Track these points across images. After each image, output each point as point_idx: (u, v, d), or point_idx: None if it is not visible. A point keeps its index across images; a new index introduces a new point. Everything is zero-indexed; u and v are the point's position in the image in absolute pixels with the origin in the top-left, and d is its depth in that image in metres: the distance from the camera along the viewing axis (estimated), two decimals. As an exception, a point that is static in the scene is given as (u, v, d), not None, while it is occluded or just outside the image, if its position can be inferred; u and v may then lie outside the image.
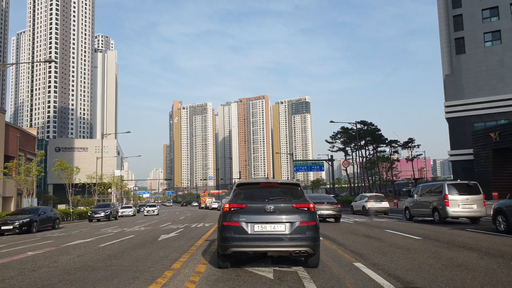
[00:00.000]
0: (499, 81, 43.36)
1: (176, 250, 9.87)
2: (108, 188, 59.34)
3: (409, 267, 6.88)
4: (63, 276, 6.71)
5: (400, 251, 8.87)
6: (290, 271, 6.52)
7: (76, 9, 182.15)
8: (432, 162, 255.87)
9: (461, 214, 16.87)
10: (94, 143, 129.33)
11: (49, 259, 9.05)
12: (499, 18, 43.78)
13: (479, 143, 38.30)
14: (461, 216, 17.18)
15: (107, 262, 8.18)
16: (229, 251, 6.36)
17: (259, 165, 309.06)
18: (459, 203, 16.70)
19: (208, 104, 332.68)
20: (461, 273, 6.26)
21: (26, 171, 33.91)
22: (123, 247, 10.94)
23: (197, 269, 6.95)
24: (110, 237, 14.70)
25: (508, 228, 11.82)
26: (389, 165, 68.10)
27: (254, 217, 6.36)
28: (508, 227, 11.78)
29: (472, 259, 7.61)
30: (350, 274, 6.35)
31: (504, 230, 12.00)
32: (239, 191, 6.87)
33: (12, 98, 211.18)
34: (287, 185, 7.11)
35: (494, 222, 12.65)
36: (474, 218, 17.10)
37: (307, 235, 6.33)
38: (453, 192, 16.99)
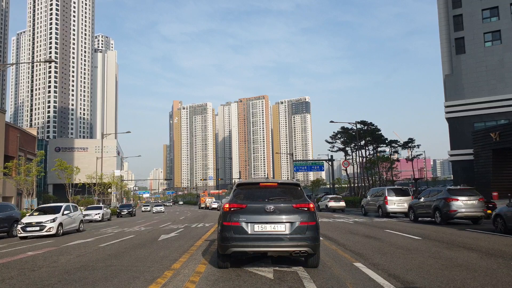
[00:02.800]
0: (499, 81, 43.37)
1: (176, 250, 9.87)
2: (108, 188, 59.34)
3: (409, 267, 6.88)
4: (63, 276, 6.71)
5: (400, 251, 8.87)
6: (290, 271, 6.52)
7: (76, 9, 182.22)
8: (432, 162, 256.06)
9: (396, 210, 22.95)
10: (94, 143, 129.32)
11: (49, 259, 9.05)
12: (499, 18, 43.80)
13: (479, 143, 38.32)
14: (396, 212, 23.03)
15: (107, 262, 8.18)
16: (229, 251, 6.36)
17: (259, 165, 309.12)
18: (395, 202, 22.91)
19: (208, 104, 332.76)
20: (461, 273, 6.26)
21: (26, 171, 33.90)
22: (123, 247, 10.94)
23: (197, 269, 6.95)
24: (110, 237, 14.70)
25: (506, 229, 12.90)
26: (389, 165, 68.08)
27: (254, 217, 6.36)
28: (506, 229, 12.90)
29: (472, 259, 7.61)
30: (350, 274, 6.35)
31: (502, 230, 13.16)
32: (239, 191, 6.87)
33: (12, 98, 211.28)
34: (287, 185, 7.10)
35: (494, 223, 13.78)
36: (404, 213, 22.33)
37: (307, 235, 6.32)
38: (391, 194, 23.19)
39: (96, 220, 32.53)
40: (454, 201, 16.96)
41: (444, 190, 18.45)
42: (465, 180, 42.09)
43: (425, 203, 19.04)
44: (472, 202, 17.17)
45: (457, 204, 16.88)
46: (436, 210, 17.84)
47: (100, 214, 33.33)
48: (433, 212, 18.07)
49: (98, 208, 35.35)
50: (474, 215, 17.06)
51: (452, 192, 17.71)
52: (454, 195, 17.30)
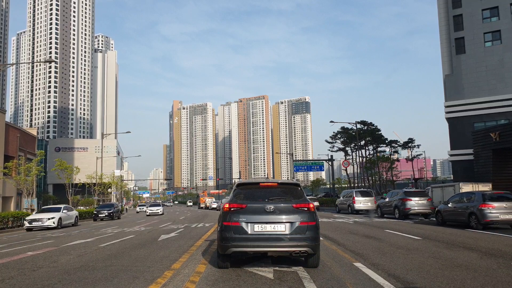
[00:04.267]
0: (499, 81, 43.38)
1: (176, 250, 9.87)
2: (108, 188, 59.34)
3: (409, 267, 6.87)
4: (62, 276, 6.71)
5: (400, 251, 8.87)
6: (290, 271, 6.52)
7: (76, 9, 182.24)
8: (432, 162, 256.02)
9: (362, 208, 28.48)
10: (94, 143, 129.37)
11: (49, 259, 9.04)
12: (499, 18, 43.81)
13: (479, 143, 38.31)
14: (361, 209, 28.44)
15: (107, 262, 8.18)
16: (229, 251, 6.36)
17: (259, 165, 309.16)
18: (361, 202, 28.61)
19: (208, 104, 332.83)
20: (461, 273, 6.26)
21: (26, 171, 33.90)
22: (123, 247, 10.94)
23: (197, 269, 6.94)
24: (110, 237, 14.70)
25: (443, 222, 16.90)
26: (389, 165, 68.10)
27: (254, 217, 6.36)
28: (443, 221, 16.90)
29: (472, 259, 7.61)
30: (350, 274, 6.35)
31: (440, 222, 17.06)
32: (239, 191, 6.87)
33: (12, 98, 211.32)
34: (287, 185, 7.10)
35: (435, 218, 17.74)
36: (368, 210, 28.04)
37: (307, 235, 6.32)
38: (358, 196, 29.09)
39: (48, 227, 22.66)
40: (408, 201, 21.22)
41: (401, 192, 22.85)
42: (465, 180, 42.10)
43: (389, 202, 23.13)
44: (422, 202, 21.28)
45: (410, 203, 21.15)
46: (395, 208, 22.10)
47: (55, 220, 23.11)
48: (393, 209, 22.34)
49: (54, 211, 24.64)
50: (424, 212, 21.25)
51: (407, 193, 22.17)
52: (409, 196, 21.54)
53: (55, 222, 23.16)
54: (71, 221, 25.81)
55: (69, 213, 25.95)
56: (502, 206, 14.33)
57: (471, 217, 14.82)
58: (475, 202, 14.95)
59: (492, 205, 14.37)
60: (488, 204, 14.44)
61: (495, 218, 14.20)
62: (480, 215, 14.33)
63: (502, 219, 14.20)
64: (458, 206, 15.94)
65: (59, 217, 23.69)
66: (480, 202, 14.69)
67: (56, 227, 23.03)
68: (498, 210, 14.25)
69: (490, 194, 15.56)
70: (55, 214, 23.77)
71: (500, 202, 14.56)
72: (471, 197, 15.77)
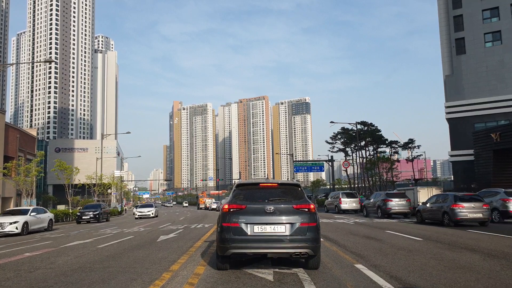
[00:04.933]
0: (500, 82, 43.30)
1: (175, 251, 9.77)
2: (108, 188, 59.24)
3: (411, 268, 6.78)
4: (59, 278, 6.62)
5: (402, 252, 8.77)
6: (290, 273, 6.43)
7: (76, 9, 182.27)
8: (432, 162, 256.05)
9: (347, 208, 31.07)
10: (94, 143, 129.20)
11: (46, 260, 8.95)
12: (499, 19, 43.73)
13: (480, 144, 38.22)
14: (347, 209, 31.04)
15: (105, 263, 8.08)
16: (228, 252, 6.26)
17: (259, 165, 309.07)
18: (347, 202, 31.30)
19: (208, 105, 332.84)
20: (464, 275, 6.16)
21: (25, 171, 33.81)
22: (122, 248, 10.84)
23: (196, 271, 6.85)
24: (108, 238, 14.60)
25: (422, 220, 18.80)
26: (389, 166, 68.00)
27: (254, 218, 6.26)
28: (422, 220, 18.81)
29: (475, 260, 7.51)
30: (351, 276, 6.25)
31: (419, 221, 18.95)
32: (238, 192, 6.77)
33: (12, 98, 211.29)
34: (287, 185, 7.01)
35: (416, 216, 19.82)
36: (354, 210, 31.18)
37: (308, 236, 6.23)
38: (344, 197, 31.79)
39: (9, 233, 18.98)
40: (389, 202, 23.73)
41: (383, 194, 25.84)
42: (466, 180, 42.01)
43: (373, 203, 25.80)
44: (402, 202, 23.76)
45: (391, 204, 23.63)
46: (378, 208, 24.51)
47: (19, 224, 19.32)
48: (376, 209, 24.73)
49: (19, 213, 21.01)
50: (403, 211, 23.67)
51: (388, 195, 24.92)
52: (390, 197, 24.15)
53: (19, 227, 18.96)
54: (42, 226, 21.94)
55: (40, 216, 21.95)
56: (470, 206, 16.24)
57: (444, 216, 16.68)
58: (448, 203, 16.76)
59: (462, 205, 16.27)
60: (459, 204, 16.32)
61: (464, 217, 16.10)
62: (452, 214, 16.24)
63: (470, 217, 16.14)
64: (434, 206, 17.87)
65: (25, 221, 19.64)
66: (452, 203, 16.54)
67: (20, 233, 18.99)
68: (467, 210, 16.17)
69: (461, 196, 17.29)
70: (20, 217, 19.71)
71: (469, 202, 16.42)
72: (446, 198, 17.52)
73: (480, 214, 16.19)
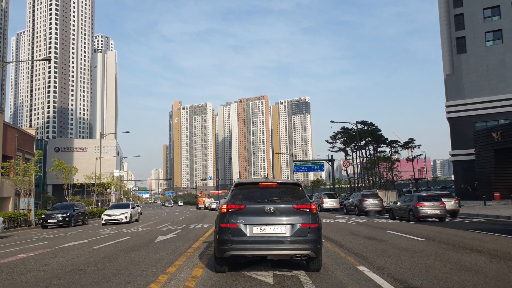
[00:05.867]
0: (500, 81, 43.07)
1: (172, 252, 9.54)
2: (107, 188, 58.98)
3: (415, 271, 6.55)
4: (51, 281, 6.39)
5: (405, 253, 8.55)
6: (291, 276, 6.20)
7: (76, 9, 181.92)
8: (432, 162, 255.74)
9: (329, 207, 35.34)
10: (94, 143, 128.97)
11: (40, 262, 8.71)
12: (500, 18, 43.53)
13: (481, 143, 38.01)
14: (328, 208, 35.15)
15: (100, 265, 7.85)
16: (227, 254, 6.04)
17: (259, 165, 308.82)
18: (328, 202, 35.83)
19: (208, 104, 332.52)
20: (471, 278, 5.93)
21: (23, 171, 33.55)
22: (118, 249, 10.61)
23: (193, 273, 6.62)
24: (106, 239, 14.38)
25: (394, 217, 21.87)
26: (390, 166, 67.77)
27: (253, 218, 6.04)
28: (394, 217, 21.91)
29: (481, 262, 7.28)
30: (354, 278, 6.03)
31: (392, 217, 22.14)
32: (237, 191, 6.54)
33: (12, 98, 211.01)
34: (288, 185, 6.78)
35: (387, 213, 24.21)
36: (334, 209, 35.38)
37: (309, 237, 6.00)
38: (326, 197, 36.53)
39: None
40: (365, 201, 27.23)
41: (360, 194, 29.47)
42: (466, 180, 41.79)
43: (351, 202, 29.53)
44: (375, 202, 27.38)
45: (366, 203, 27.08)
46: (355, 207, 28.17)
47: None
48: (354, 208, 28.41)
49: None
50: (376, 209, 26.88)
51: (363, 195, 28.41)
52: (365, 198, 27.69)
53: None
54: None
55: None
56: (431, 205, 19.13)
57: (410, 213, 19.67)
58: (413, 202, 19.74)
59: (424, 204, 19.14)
60: (421, 203, 19.20)
61: (425, 213, 19.00)
62: (415, 211, 19.22)
63: (430, 214, 19.04)
64: (403, 205, 20.95)
65: None
66: (416, 202, 19.51)
67: None
68: (428, 208, 19.03)
69: (424, 196, 20.23)
70: None
71: (430, 202, 19.32)
72: (412, 198, 20.54)
73: (438, 211, 18.98)
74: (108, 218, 26.26)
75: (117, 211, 26.77)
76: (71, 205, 28.08)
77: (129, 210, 27.31)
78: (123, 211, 26.84)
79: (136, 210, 29.67)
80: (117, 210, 27.14)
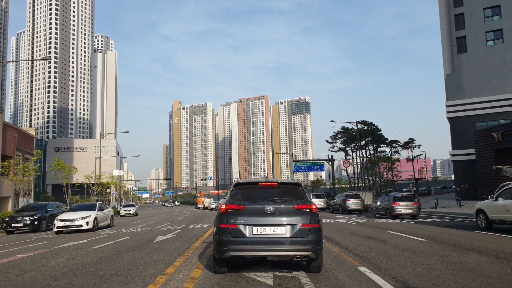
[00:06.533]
0: (501, 81, 42.97)
1: (171, 253, 9.45)
2: (107, 188, 58.89)
3: (417, 272, 6.46)
4: (48, 282, 6.30)
5: (406, 254, 8.46)
6: (291, 277, 6.11)
7: (76, 9, 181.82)
8: (432, 162, 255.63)
9: None
10: (94, 143, 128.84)
11: (37, 262, 8.62)
12: (501, 17, 43.40)
13: (481, 143, 37.89)
14: None
15: (98, 266, 7.76)
16: (226, 255, 5.95)
17: (259, 165, 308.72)
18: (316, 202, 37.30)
19: (208, 104, 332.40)
20: (475, 280, 5.84)
21: (22, 171, 33.46)
22: (117, 250, 10.53)
23: (191, 274, 6.53)
24: (104, 239, 14.29)
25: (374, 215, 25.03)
26: (390, 165, 67.71)
27: (253, 219, 5.95)
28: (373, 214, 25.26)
29: (483, 263, 7.19)
30: (355, 280, 5.94)
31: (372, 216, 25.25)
32: (236, 191, 6.46)
33: (12, 98, 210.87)
34: (288, 185, 6.69)
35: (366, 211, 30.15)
36: (321, 208, 35.07)
37: (309, 238, 5.92)
38: (314, 198, 37.52)
39: None
40: (348, 201, 30.79)
41: (343, 195, 33.15)
42: (466, 180, 41.69)
43: (336, 202, 33.35)
44: (357, 202, 30.73)
45: (349, 203, 30.67)
46: (339, 206, 31.65)
47: None
48: (338, 207, 31.92)
49: None
50: (357, 208, 30.57)
51: (347, 196, 32.23)
52: (348, 198, 31.32)
53: None
54: None
55: None
56: (405, 204, 22.00)
57: (387, 211, 22.67)
58: (390, 202, 22.78)
59: (399, 204, 22.04)
60: (397, 203, 22.08)
61: (399, 212, 21.85)
62: (391, 210, 22.19)
63: (404, 212, 21.86)
64: (381, 204, 24.02)
65: None
66: (392, 202, 22.50)
67: None
68: (402, 207, 21.93)
69: (399, 196, 23.05)
70: None
71: (404, 201, 22.20)
72: (389, 198, 23.49)
73: (411, 210, 21.86)
74: (61, 225, 18.83)
75: (76, 215, 19.49)
76: (43, 205, 23.55)
77: (94, 213, 20.16)
78: (85, 214, 19.66)
79: (107, 213, 22.59)
80: (77, 213, 19.78)
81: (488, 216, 13.82)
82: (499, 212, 13.17)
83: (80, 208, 21.24)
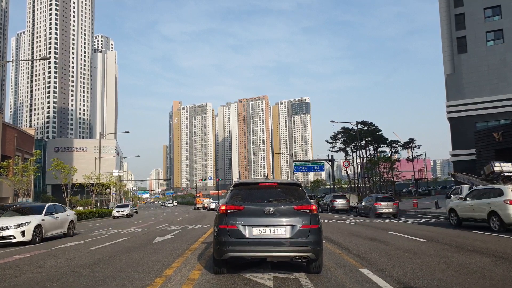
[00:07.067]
0: (501, 81, 42.89)
1: (170, 254, 9.36)
2: (107, 188, 58.81)
3: (420, 273, 6.36)
4: (44, 284, 6.20)
5: (408, 255, 8.37)
6: (291, 278, 6.02)
7: (76, 9, 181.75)
8: (432, 162, 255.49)
9: None
10: (93, 143, 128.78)
11: (34, 263, 8.53)
12: (501, 17, 43.33)
13: (481, 143, 37.81)
14: None
15: (95, 267, 7.67)
16: (226, 256, 5.87)
17: (259, 165, 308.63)
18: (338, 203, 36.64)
19: (208, 105, 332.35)
20: (478, 282, 5.74)
21: (21, 171, 33.38)
22: (115, 251, 10.43)
23: (190, 276, 6.44)
24: (103, 239, 14.20)
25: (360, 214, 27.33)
26: (390, 166, 67.60)
27: (253, 219, 5.87)
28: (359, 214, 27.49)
29: (486, 264, 7.10)
30: (356, 281, 5.85)
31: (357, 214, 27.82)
32: (236, 192, 6.37)
33: (12, 98, 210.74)
34: (288, 185, 6.60)
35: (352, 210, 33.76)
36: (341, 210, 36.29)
37: (309, 239, 5.83)
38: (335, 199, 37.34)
39: None
40: (335, 201, 33.57)
41: (331, 196, 36.16)
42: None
43: (324, 202, 36.34)
44: (343, 202, 33.56)
45: (336, 203, 33.37)
46: (328, 206, 34.50)
47: None
48: (327, 207, 34.74)
49: None
50: (344, 208, 33.23)
51: (334, 196, 35.11)
52: (335, 198, 34.15)
53: None
54: None
55: None
56: (386, 204, 24.38)
57: (370, 210, 24.94)
58: (372, 202, 25.08)
59: (380, 204, 24.39)
60: (378, 203, 24.44)
61: (381, 211, 24.10)
62: (373, 209, 24.51)
63: (385, 211, 24.14)
64: (365, 204, 26.43)
65: None
66: (374, 202, 24.87)
67: None
68: (383, 207, 24.26)
69: (381, 197, 25.58)
70: None
71: (385, 202, 24.59)
72: (372, 199, 25.88)
73: (391, 209, 24.19)
74: None
75: (9, 221, 13.77)
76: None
77: (37, 218, 14.37)
78: (22, 220, 13.93)
79: (62, 218, 16.30)
80: (10, 219, 14.19)
81: (458, 214, 15.60)
82: (467, 211, 15.05)
83: (20, 212, 15.59)
